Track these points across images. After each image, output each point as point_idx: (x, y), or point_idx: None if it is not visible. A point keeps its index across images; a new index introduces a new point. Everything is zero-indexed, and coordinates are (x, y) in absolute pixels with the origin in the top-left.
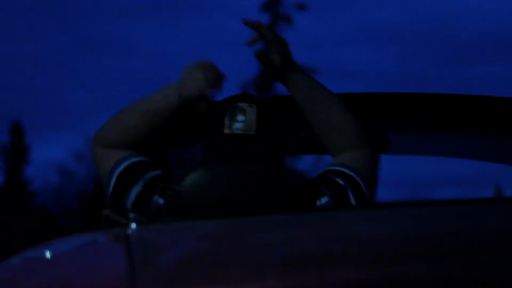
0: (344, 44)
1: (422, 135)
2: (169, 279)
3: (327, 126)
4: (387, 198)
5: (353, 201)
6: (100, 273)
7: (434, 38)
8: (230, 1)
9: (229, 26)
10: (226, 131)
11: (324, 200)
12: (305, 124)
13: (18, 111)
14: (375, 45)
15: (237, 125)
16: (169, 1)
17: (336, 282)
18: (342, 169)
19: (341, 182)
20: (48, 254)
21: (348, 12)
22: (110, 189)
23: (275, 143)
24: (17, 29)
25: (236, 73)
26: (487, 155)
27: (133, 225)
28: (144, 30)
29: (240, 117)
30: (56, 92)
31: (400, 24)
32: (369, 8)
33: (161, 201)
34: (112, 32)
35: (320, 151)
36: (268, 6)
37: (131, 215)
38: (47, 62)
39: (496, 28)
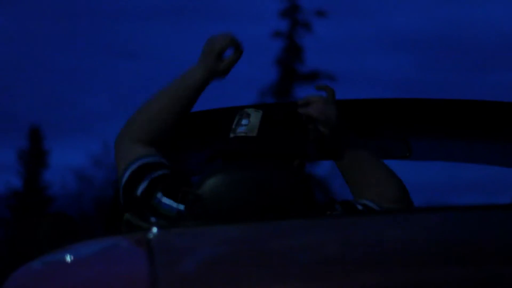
0: (364, 51)
1: (442, 141)
2: (191, 283)
3: (371, 191)
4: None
5: None
6: (122, 277)
7: (454, 44)
8: (249, 7)
9: (247, 31)
10: (231, 135)
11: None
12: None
13: (36, 117)
14: (395, 52)
15: (241, 129)
16: (189, 6)
17: (360, 286)
18: (365, 201)
19: (359, 206)
20: (70, 258)
21: (367, 19)
22: (122, 184)
23: (279, 146)
24: (35, 35)
25: (254, 79)
26: (505, 160)
27: (155, 230)
28: (163, 35)
29: (245, 121)
30: (74, 97)
31: (419, 31)
32: (389, 15)
33: (181, 206)
34: (131, 37)
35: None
36: (287, 12)
37: (152, 219)
38: (66, 67)
39: None
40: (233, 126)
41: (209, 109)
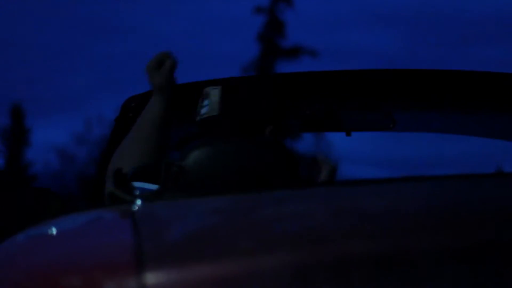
0: (346, 25)
1: (425, 113)
2: (176, 253)
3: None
4: (390, 175)
5: None
6: (107, 248)
7: (437, 18)
8: None
9: (230, 7)
10: (197, 118)
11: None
12: (308, 103)
13: (18, 95)
14: (378, 26)
15: (203, 110)
16: None
17: (346, 255)
18: None
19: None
20: (54, 231)
21: None
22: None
23: (243, 118)
24: (14, 13)
25: (236, 55)
26: (489, 131)
27: (139, 202)
28: (143, 12)
29: (206, 102)
30: (55, 75)
31: (403, 5)
32: None
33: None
34: (110, 14)
35: (323, 129)
36: None
37: (136, 192)
38: (46, 45)
39: (502, 9)
40: (198, 109)
41: (186, 83)
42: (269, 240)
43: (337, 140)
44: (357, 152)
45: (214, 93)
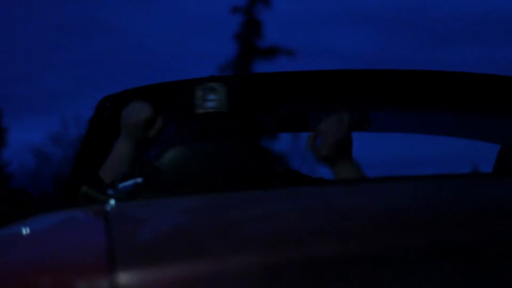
0: (325, 26)
1: (400, 113)
2: (149, 254)
3: None
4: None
5: None
6: (79, 248)
7: (416, 20)
8: None
9: (207, 7)
10: (199, 110)
11: None
12: (284, 102)
13: None
14: (357, 27)
15: (209, 104)
16: None
17: (318, 256)
18: None
19: None
20: (26, 231)
21: None
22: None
23: (248, 120)
24: None
25: (213, 54)
26: (463, 132)
27: (112, 201)
28: (121, 12)
29: (212, 96)
30: (32, 74)
31: (381, 5)
32: None
33: (139, 178)
34: (89, 14)
35: (299, 129)
36: None
37: (110, 192)
38: (23, 45)
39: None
40: (198, 101)
41: (167, 81)
42: (241, 241)
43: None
44: None
45: (222, 90)
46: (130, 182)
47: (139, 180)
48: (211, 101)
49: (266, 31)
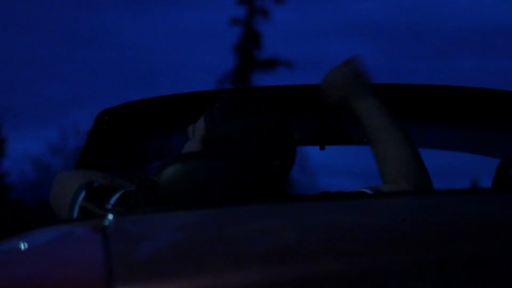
0: (325, 37)
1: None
2: (147, 269)
3: (384, 155)
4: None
5: None
6: (77, 264)
7: (415, 31)
8: None
9: (206, 19)
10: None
11: None
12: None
13: None
14: (356, 38)
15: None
16: None
17: (318, 272)
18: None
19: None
20: (24, 245)
21: (328, 6)
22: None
23: (260, 146)
24: None
25: (212, 66)
26: (462, 145)
27: (110, 216)
28: (121, 22)
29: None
30: (31, 85)
31: (381, 17)
32: (349, 2)
33: (138, 193)
34: (88, 24)
35: (299, 143)
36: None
37: (108, 206)
38: (23, 55)
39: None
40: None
41: (167, 95)
42: (239, 258)
43: (311, 153)
44: (333, 165)
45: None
46: (128, 196)
47: (137, 194)
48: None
49: (265, 43)
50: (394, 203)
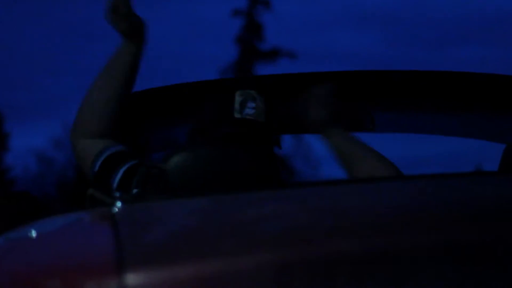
0: (328, 27)
1: (405, 113)
2: (157, 255)
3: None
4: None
5: None
6: (87, 251)
7: (419, 20)
8: None
9: (208, 10)
10: (237, 115)
11: None
12: (289, 105)
13: None
14: (358, 28)
15: (248, 111)
16: None
17: (327, 255)
18: None
19: None
20: (34, 234)
21: None
22: (93, 178)
23: (279, 131)
24: None
25: (215, 57)
26: (466, 131)
27: (119, 204)
28: None
29: (251, 104)
30: (34, 79)
31: (384, 6)
32: None
33: (146, 180)
34: (90, 17)
35: (300, 131)
36: None
37: (116, 194)
38: (25, 49)
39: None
40: (237, 106)
41: (171, 85)
42: (250, 241)
43: (317, 141)
44: None
45: (261, 99)
46: (136, 184)
47: (145, 182)
48: (250, 108)
49: (267, 33)
50: (400, 186)
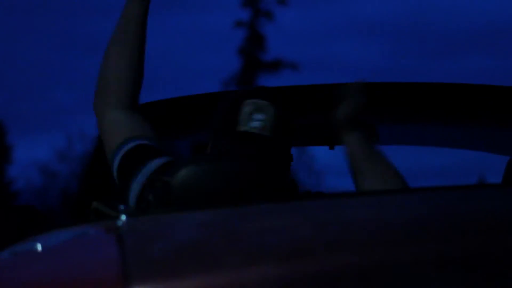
0: (330, 38)
1: (408, 126)
2: (162, 268)
3: (368, 186)
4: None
5: None
6: (93, 264)
7: (422, 31)
8: None
9: (210, 22)
10: (242, 128)
11: None
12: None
13: (0, 111)
14: (362, 39)
15: (254, 124)
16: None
17: (331, 268)
18: None
19: None
20: (39, 247)
21: (332, 7)
22: (115, 168)
23: (288, 145)
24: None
25: (217, 69)
26: (469, 143)
27: (123, 217)
28: None
29: (258, 116)
30: (38, 91)
31: (387, 17)
32: (355, 2)
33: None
34: (95, 30)
35: (306, 143)
36: (249, 2)
37: (121, 207)
38: (29, 61)
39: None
40: (243, 117)
41: (177, 97)
42: (255, 254)
43: (320, 153)
44: (341, 165)
45: (270, 112)
46: (140, 198)
47: (150, 196)
48: (257, 121)
49: (270, 44)
50: (404, 199)
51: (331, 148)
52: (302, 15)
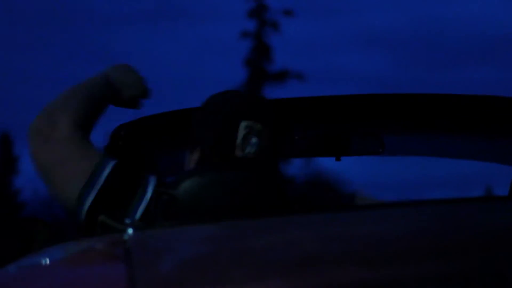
0: (336, 49)
1: (414, 136)
2: (169, 282)
3: None
4: (381, 199)
5: None
6: (100, 278)
7: (427, 42)
8: (217, 8)
9: (216, 32)
10: (238, 153)
11: None
12: (299, 127)
13: (6, 122)
14: (367, 50)
15: (250, 149)
16: (158, 11)
17: (337, 283)
18: None
19: None
20: (45, 261)
21: (340, 17)
22: (92, 196)
23: (278, 160)
24: (6, 40)
25: (224, 79)
26: (476, 154)
27: (130, 231)
28: (133, 38)
29: (254, 140)
30: (44, 103)
31: (392, 28)
32: (360, 13)
33: (156, 206)
34: (104, 42)
35: (312, 154)
36: (255, 13)
37: (127, 221)
38: (36, 73)
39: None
40: (239, 142)
41: (180, 109)
42: (261, 268)
43: (327, 164)
44: (347, 176)
45: (266, 134)
46: (147, 211)
47: (156, 209)
48: (253, 145)
49: (276, 55)
50: (412, 212)
51: (338, 159)
52: (308, 25)
